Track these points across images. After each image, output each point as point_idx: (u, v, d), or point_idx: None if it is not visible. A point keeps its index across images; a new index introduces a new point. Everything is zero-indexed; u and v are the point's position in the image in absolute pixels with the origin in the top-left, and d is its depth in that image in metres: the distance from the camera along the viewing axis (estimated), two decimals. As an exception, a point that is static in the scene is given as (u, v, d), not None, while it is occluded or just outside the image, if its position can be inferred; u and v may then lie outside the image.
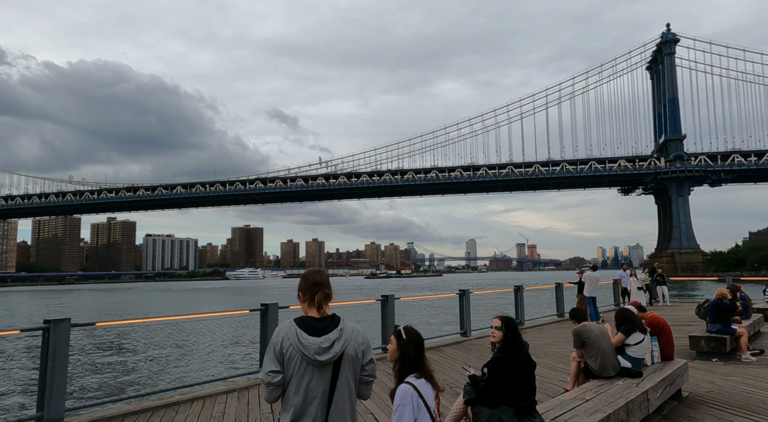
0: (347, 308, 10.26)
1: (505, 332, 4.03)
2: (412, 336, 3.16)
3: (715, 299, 9.43)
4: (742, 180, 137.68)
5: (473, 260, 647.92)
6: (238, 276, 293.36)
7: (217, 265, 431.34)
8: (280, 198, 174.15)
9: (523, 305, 14.30)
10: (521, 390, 3.83)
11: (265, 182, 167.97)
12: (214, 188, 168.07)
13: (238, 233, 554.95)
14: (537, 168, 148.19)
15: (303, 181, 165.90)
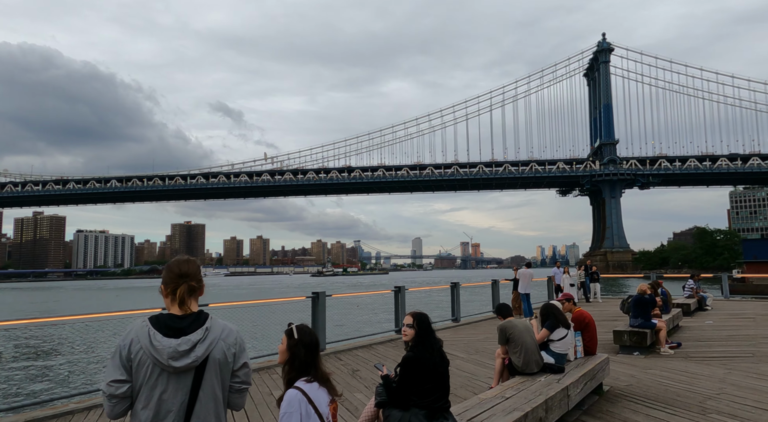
0: (275, 306, 9.83)
1: (417, 329, 3.79)
2: (305, 336, 2.82)
3: (637, 295, 9.76)
4: (668, 184, 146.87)
5: (419, 258, 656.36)
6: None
7: (156, 263, 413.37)
8: (223, 194, 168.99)
9: (459, 302, 14.34)
10: (433, 390, 3.60)
11: (207, 177, 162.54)
12: (153, 183, 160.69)
13: (178, 229, 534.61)
14: (481, 168, 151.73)
15: (247, 177, 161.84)
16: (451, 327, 13.71)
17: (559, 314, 6.28)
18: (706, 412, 5.75)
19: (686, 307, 15.90)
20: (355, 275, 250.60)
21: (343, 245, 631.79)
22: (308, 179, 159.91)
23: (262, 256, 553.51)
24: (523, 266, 16.14)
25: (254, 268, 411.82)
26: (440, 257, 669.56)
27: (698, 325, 13.62)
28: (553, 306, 6.36)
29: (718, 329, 12.92)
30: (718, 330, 12.79)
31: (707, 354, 9.27)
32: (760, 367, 8.09)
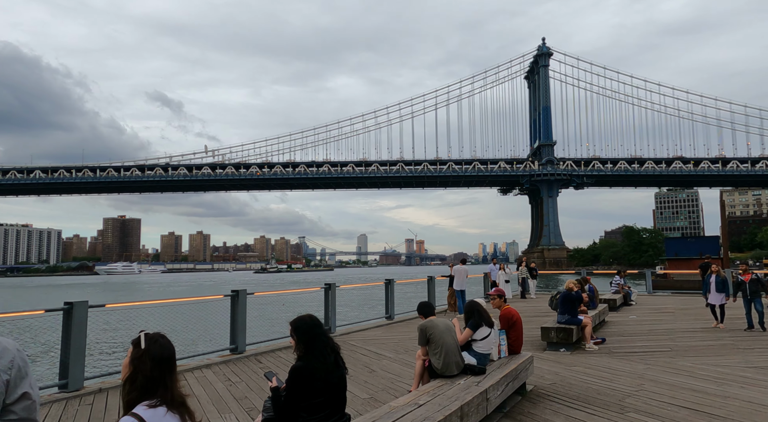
0: (184, 306, 9.09)
1: (296, 337, 3.34)
2: (156, 347, 2.17)
3: (564, 292, 9.82)
4: (601, 184, 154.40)
5: (364, 255, 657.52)
6: (109, 271, 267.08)
7: (86, 259, 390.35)
8: (160, 187, 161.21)
9: (393, 299, 14.07)
10: (325, 404, 3.16)
11: (143, 169, 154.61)
12: (82, 174, 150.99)
13: (111, 224, 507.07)
14: (426, 166, 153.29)
15: (186, 170, 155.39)
16: (384, 325, 13.40)
17: (483, 312, 6.03)
18: (624, 411, 5.69)
19: (612, 302, 16.43)
20: (299, 272, 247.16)
21: (287, 241, 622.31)
22: (251, 173, 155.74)
23: (202, 252, 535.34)
24: (458, 262, 16.09)
25: (193, 265, 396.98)
26: (385, 254, 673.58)
27: (623, 320, 14.04)
28: (476, 304, 6.10)
29: (641, 323, 13.36)
30: (640, 324, 13.22)
31: (629, 349, 9.44)
32: (676, 362, 8.28)
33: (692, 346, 9.69)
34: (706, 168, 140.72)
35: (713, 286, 12.46)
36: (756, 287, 11.88)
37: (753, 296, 11.85)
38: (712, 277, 12.58)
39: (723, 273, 12.72)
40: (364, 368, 8.12)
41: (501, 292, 7.20)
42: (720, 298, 12.36)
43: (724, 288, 12.40)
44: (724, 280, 12.44)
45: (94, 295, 60.97)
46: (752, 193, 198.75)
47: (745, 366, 7.85)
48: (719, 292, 12.36)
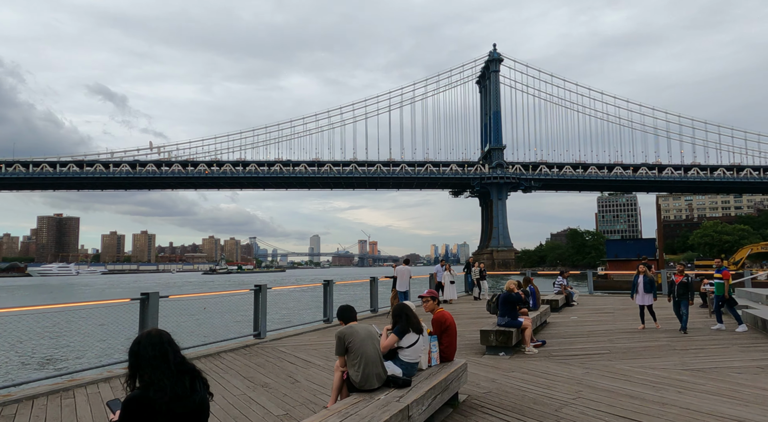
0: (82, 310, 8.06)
1: (132, 361, 2.62)
2: None
3: (504, 293, 9.45)
4: (548, 188, 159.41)
5: (317, 255, 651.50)
6: (44, 272, 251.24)
7: (17, 259, 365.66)
8: (100, 185, 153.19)
9: (332, 301, 13.37)
10: None
11: (81, 165, 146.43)
12: (13, 169, 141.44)
13: (46, 222, 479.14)
14: (379, 167, 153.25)
15: (130, 167, 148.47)
16: (321, 329, 12.68)
17: (412, 316, 5.44)
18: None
19: (554, 303, 16.39)
20: (250, 273, 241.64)
21: (237, 241, 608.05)
22: (199, 171, 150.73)
23: (147, 253, 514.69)
24: (401, 262, 15.58)
25: (137, 266, 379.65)
26: (338, 255, 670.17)
27: (564, 321, 13.94)
28: (405, 308, 5.50)
29: (581, 324, 13.28)
30: (581, 325, 13.14)
31: (568, 352, 9.17)
32: (614, 365, 8.03)
33: (630, 348, 9.54)
34: (644, 174, 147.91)
35: (641, 287, 12.24)
36: (683, 290, 11.74)
37: (680, 298, 11.76)
38: (639, 278, 12.31)
39: (650, 274, 12.50)
40: (287, 378, 7.39)
41: (434, 294, 6.66)
42: (647, 298, 12.18)
43: (652, 289, 12.21)
44: (651, 280, 12.22)
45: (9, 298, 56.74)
46: (684, 198, 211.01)
47: (681, 369, 7.68)
48: (647, 292, 12.17)
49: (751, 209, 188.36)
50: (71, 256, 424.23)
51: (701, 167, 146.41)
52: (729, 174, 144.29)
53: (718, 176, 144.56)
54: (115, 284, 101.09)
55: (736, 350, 9.19)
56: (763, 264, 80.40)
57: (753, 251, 69.60)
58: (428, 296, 6.49)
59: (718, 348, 9.49)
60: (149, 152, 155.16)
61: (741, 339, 10.29)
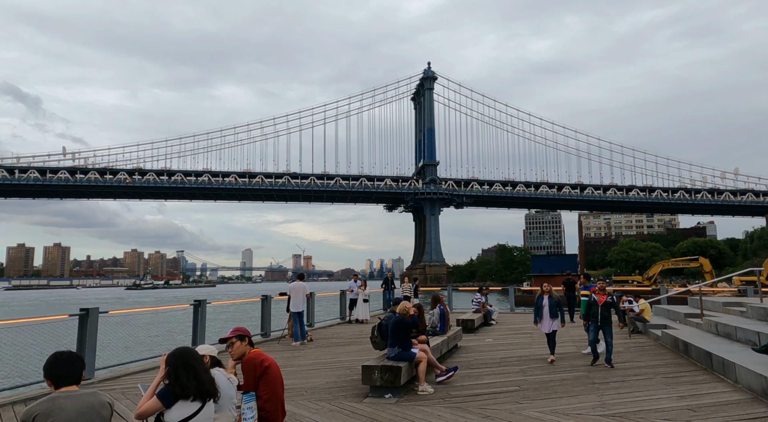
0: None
1: None
2: None
3: (396, 317, 7.70)
4: (479, 204, 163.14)
5: (249, 270, 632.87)
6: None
7: None
8: (3, 192, 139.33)
9: (205, 326, 11.16)
10: None
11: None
12: None
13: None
14: (313, 180, 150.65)
15: (39, 173, 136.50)
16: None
17: (199, 369, 3.46)
18: None
19: (470, 323, 15.01)
20: (178, 288, 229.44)
21: (163, 255, 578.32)
22: (119, 180, 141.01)
23: (60, 267, 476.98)
24: (296, 278, 13.53)
25: (47, 281, 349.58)
26: (272, 270, 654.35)
27: (477, 344, 12.49)
28: (187, 355, 3.51)
29: (495, 348, 11.84)
30: (494, 349, 11.69)
31: (471, 390, 7.53)
32: (522, 410, 6.43)
33: (544, 382, 8.08)
34: (567, 193, 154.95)
35: (546, 310, 10.12)
36: (607, 312, 9.56)
37: (603, 322, 9.53)
38: (544, 299, 10.17)
39: (555, 295, 10.33)
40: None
41: (242, 332, 4.54)
42: (554, 324, 10.15)
43: (558, 313, 10.25)
44: (557, 303, 10.25)
45: None
46: (603, 217, 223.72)
47: (602, 414, 6.22)
48: (552, 317, 10.09)
49: (661, 228, 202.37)
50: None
51: (618, 188, 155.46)
52: (642, 195, 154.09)
53: (633, 196, 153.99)
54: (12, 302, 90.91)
55: (659, 382, 7.95)
56: (672, 280, 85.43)
57: (664, 266, 73.64)
58: (233, 337, 4.47)
59: (640, 379, 8.23)
60: (62, 158, 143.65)
61: (662, 368, 9.12)
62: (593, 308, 9.81)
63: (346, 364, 9.62)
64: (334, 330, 15.84)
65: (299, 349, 11.87)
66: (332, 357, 10.64)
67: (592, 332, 9.75)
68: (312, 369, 9.20)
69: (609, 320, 9.64)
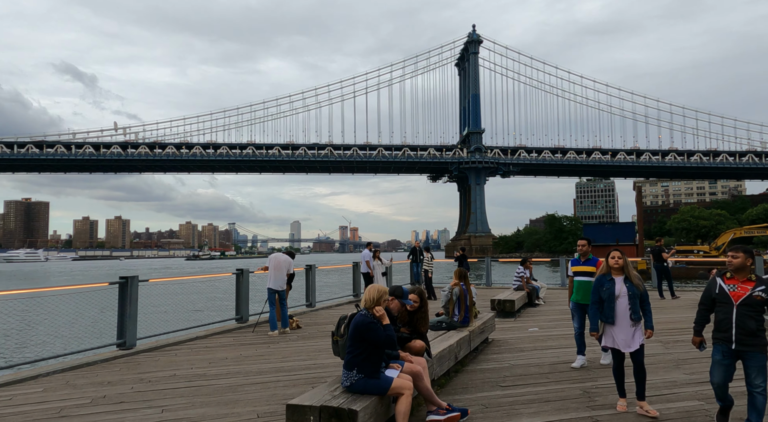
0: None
1: None
2: None
3: (360, 312, 4.46)
4: (526, 173, 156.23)
5: (297, 241, 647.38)
6: (9, 258, 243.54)
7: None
8: (63, 167, 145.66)
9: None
10: None
11: (41, 146, 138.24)
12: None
13: (13, 207, 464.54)
14: (355, 151, 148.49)
15: (93, 149, 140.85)
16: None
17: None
18: None
19: (508, 305, 11.69)
20: (233, 259, 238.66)
21: (215, 227, 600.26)
22: (167, 154, 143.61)
23: (121, 238, 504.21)
24: (281, 251, 10.58)
25: (110, 252, 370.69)
26: (319, 241, 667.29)
27: (517, 337, 9.24)
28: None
29: (541, 343, 8.54)
30: (540, 346, 8.37)
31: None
32: None
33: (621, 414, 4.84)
34: (622, 159, 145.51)
35: (622, 306, 5.05)
36: (758, 320, 4.22)
37: (748, 342, 4.20)
38: (616, 285, 5.11)
39: (637, 277, 5.18)
40: None
41: None
42: (634, 335, 5.05)
43: (645, 312, 5.11)
44: (641, 294, 5.11)
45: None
46: (661, 184, 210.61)
47: None
48: (633, 320, 5.04)
49: (725, 195, 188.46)
50: (40, 242, 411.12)
51: (678, 152, 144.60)
52: (705, 160, 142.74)
53: (695, 161, 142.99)
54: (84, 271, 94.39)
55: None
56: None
57: (736, 235, 66.58)
58: None
59: None
60: (114, 134, 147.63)
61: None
62: (724, 312, 4.36)
63: (317, 372, 6.68)
64: (339, 312, 13.01)
65: (273, 341, 9.03)
66: (308, 357, 7.67)
67: (721, 367, 4.37)
68: (258, 383, 6.13)
69: (762, 337, 4.26)
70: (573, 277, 7.27)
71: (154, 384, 6.10)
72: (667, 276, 15.19)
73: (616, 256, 5.22)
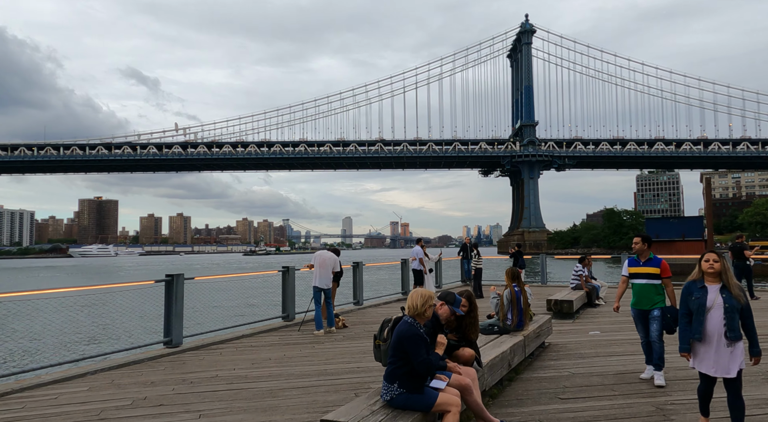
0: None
1: None
2: None
3: (407, 322, 3.99)
4: (583, 166, 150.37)
5: (349, 237, 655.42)
6: (84, 253, 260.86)
7: (61, 241, 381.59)
8: (129, 167, 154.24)
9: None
10: None
11: (110, 147, 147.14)
12: (45, 152, 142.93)
13: (87, 205, 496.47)
14: (405, 146, 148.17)
15: (156, 149, 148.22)
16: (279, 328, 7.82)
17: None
18: None
19: (566, 306, 10.98)
20: (288, 254, 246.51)
21: (270, 223, 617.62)
22: (224, 153, 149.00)
23: (183, 234, 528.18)
24: (326, 248, 10.37)
25: (173, 247, 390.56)
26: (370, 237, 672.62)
27: (576, 342, 8.58)
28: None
29: (604, 349, 7.82)
30: (603, 352, 7.65)
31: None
32: None
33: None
34: (687, 150, 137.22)
35: (716, 321, 4.11)
36: None
37: None
38: (709, 294, 4.18)
39: (737, 286, 4.22)
40: None
41: None
42: (731, 358, 4.08)
43: (743, 327, 4.17)
44: (743, 307, 4.14)
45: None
46: (732, 176, 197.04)
47: None
48: (731, 340, 4.08)
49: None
50: (110, 237, 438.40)
51: (752, 141, 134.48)
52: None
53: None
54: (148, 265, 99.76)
55: None
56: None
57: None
58: None
59: None
60: (175, 134, 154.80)
61: None
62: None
63: (361, 377, 6.34)
64: (387, 310, 12.69)
65: (318, 341, 8.82)
66: (352, 360, 7.38)
67: None
68: (299, 388, 5.81)
69: None
70: (628, 278, 6.33)
71: (195, 385, 6.00)
72: (747, 276, 13.92)
73: (711, 259, 4.25)
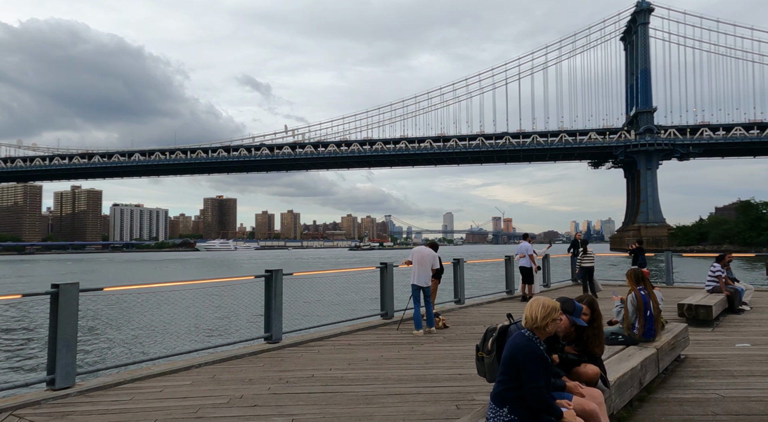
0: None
1: None
2: None
3: (524, 337, 3.38)
4: (711, 154, 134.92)
5: (450, 233, 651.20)
6: (208, 248, 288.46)
7: (189, 236, 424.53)
8: (245, 167, 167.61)
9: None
10: None
11: (228, 150, 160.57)
12: (175, 156, 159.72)
13: (210, 203, 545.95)
14: (507, 140, 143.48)
15: (268, 150, 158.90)
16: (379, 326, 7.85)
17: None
18: None
19: (702, 312, 9.43)
20: (391, 249, 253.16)
21: (373, 219, 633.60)
22: (329, 152, 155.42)
23: (293, 230, 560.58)
24: (425, 244, 9.86)
25: (284, 242, 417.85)
26: (471, 232, 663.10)
27: (720, 355, 7.25)
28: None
29: (759, 368, 6.43)
30: (758, 372, 6.28)
31: None
32: None
33: None
34: None
35: None
36: None
37: None
38: None
39: None
40: None
41: None
42: None
43: None
44: None
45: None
46: None
47: None
48: None
49: None
50: (230, 233, 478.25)
51: None
52: None
53: None
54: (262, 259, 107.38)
55: None
56: None
57: None
58: None
59: None
60: (285, 136, 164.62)
61: None
62: None
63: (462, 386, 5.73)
64: (490, 310, 11.92)
65: (417, 342, 8.37)
66: (453, 364, 6.79)
67: None
68: (395, 394, 5.38)
69: None
70: None
71: (291, 385, 5.86)
72: None
73: None
